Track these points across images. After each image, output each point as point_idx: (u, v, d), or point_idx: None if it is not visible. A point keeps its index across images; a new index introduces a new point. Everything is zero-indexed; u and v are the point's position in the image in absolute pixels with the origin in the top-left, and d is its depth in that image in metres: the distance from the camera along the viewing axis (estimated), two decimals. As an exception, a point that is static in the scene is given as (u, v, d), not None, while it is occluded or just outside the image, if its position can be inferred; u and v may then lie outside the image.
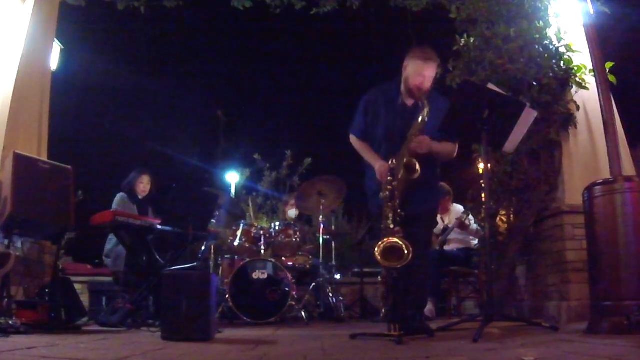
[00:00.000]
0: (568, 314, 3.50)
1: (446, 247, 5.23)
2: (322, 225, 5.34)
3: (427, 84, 3.13)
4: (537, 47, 4.05)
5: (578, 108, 4.01)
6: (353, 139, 3.40)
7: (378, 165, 3.12)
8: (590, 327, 2.80)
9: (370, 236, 5.52)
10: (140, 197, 4.82)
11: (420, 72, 3.11)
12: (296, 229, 5.34)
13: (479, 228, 4.84)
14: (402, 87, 3.23)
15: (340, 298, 5.39)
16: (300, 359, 2.16)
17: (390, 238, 2.74)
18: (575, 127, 3.99)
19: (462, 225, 5.06)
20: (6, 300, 3.22)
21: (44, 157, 4.35)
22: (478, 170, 4.64)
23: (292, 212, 5.94)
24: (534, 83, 3.98)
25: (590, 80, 3.92)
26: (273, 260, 4.87)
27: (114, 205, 4.63)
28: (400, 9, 5.13)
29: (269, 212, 8.57)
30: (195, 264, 4.81)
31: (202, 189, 5.03)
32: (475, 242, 5.08)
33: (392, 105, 3.25)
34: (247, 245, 5.11)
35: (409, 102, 3.22)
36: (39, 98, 4.64)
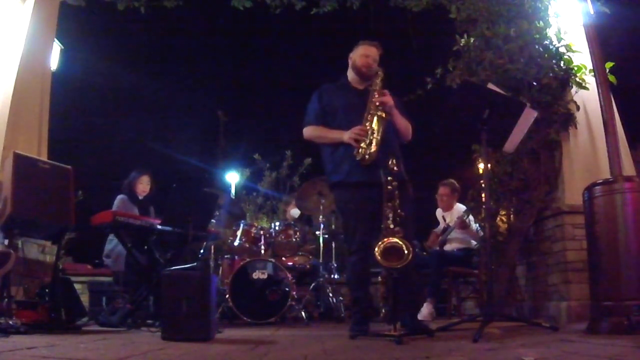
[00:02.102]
0: (568, 314, 3.50)
1: (446, 247, 5.22)
2: (322, 225, 5.33)
3: (373, 63, 3.25)
4: (537, 47, 4.05)
5: (578, 108, 4.01)
6: (307, 129, 3.31)
7: (347, 132, 3.08)
8: (590, 327, 2.80)
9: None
10: (140, 197, 4.81)
11: (363, 53, 3.28)
12: (296, 229, 5.34)
13: (479, 229, 4.84)
14: (350, 77, 3.37)
15: (340, 298, 5.39)
16: (300, 359, 2.16)
17: (390, 238, 2.74)
18: (575, 127, 3.99)
19: (462, 224, 5.06)
20: (6, 300, 3.22)
21: (44, 157, 4.35)
22: (478, 170, 4.65)
23: (295, 212, 5.94)
24: (534, 83, 3.99)
25: (590, 80, 3.92)
26: (273, 260, 4.87)
27: (114, 208, 4.63)
28: (400, 9, 5.14)
29: (269, 212, 8.58)
30: (195, 264, 4.81)
31: (202, 189, 5.03)
32: (474, 242, 5.08)
33: (345, 89, 3.35)
34: (247, 245, 5.11)
35: (360, 86, 3.30)
36: (39, 98, 4.64)
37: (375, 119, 3.04)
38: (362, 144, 3.02)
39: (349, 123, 3.12)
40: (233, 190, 9.51)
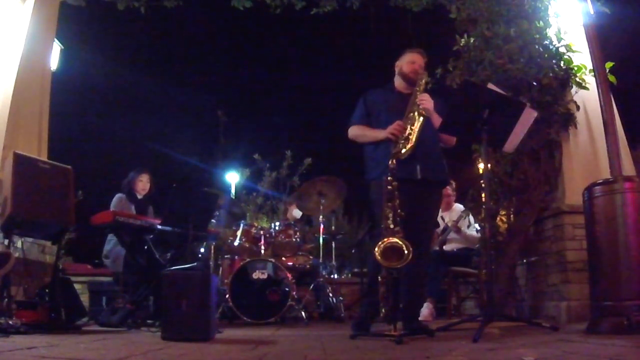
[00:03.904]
0: (568, 314, 3.50)
1: (446, 247, 5.22)
2: (322, 225, 5.33)
3: (420, 69, 3.30)
4: (537, 47, 4.05)
5: (578, 108, 4.01)
6: (351, 128, 3.41)
7: (386, 130, 3.13)
8: (590, 327, 2.80)
9: (370, 235, 5.48)
10: (139, 196, 4.80)
11: (411, 59, 3.34)
12: (296, 229, 5.34)
13: (478, 230, 4.83)
14: (397, 84, 3.43)
15: (340, 298, 5.39)
16: (300, 359, 2.16)
17: (390, 238, 2.74)
18: (575, 127, 3.99)
19: (456, 229, 5.08)
20: (6, 300, 3.22)
21: (44, 157, 4.35)
22: (478, 170, 4.64)
23: (297, 212, 5.94)
24: (534, 83, 3.98)
25: (590, 80, 3.92)
26: (273, 260, 4.87)
27: (111, 207, 4.63)
28: (400, 9, 5.14)
29: (269, 212, 8.59)
30: (195, 264, 4.81)
31: (202, 189, 5.03)
32: (477, 245, 5.07)
33: (390, 94, 3.40)
34: (247, 245, 5.11)
35: (407, 91, 3.33)
36: (39, 98, 4.64)
37: (415, 115, 3.07)
38: (400, 139, 3.05)
39: (391, 123, 3.15)
40: (233, 190, 9.51)
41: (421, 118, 3.05)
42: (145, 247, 4.17)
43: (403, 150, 3.01)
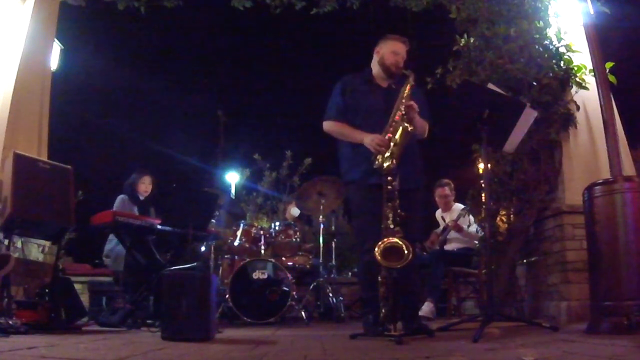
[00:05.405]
0: (568, 314, 3.50)
1: (446, 247, 5.22)
2: (322, 225, 5.33)
3: (401, 62, 3.23)
4: (537, 47, 4.05)
5: (578, 108, 4.01)
6: (329, 123, 3.28)
7: (369, 137, 3.03)
8: (590, 327, 2.80)
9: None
10: (142, 197, 4.82)
11: (394, 49, 3.24)
12: (296, 229, 5.34)
13: (478, 229, 4.83)
14: (375, 72, 3.33)
15: (340, 298, 5.39)
16: (300, 359, 2.16)
17: (391, 238, 2.74)
18: (575, 127, 3.99)
19: (457, 227, 5.08)
20: (6, 300, 3.22)
21: (44, 157, 4.35)
22: (478, 170, 4.64)
23: (295, 211, 5.94)
24: (534, 83, 3.98)
25: (590, 80, 3.92)
26: (273, 260, 4.87)
27: (114, 208, 4.63)
28: (400, 9, 5.14)
29: (269, 212, 8.59)
30: (195, 264, 4.81)
31: (202, 189, 5.03)
32: (476, 241, 5.07)
33: (368, 86, 3.30)
34: (247, 245, 5.11)
35: (383, 84, 3.28)
36: (39, 98, 4.64)
37: (400, 129, 2.95)
38: (382, 153, 2.96)
39: (372, 125, 3.10)
40: (233, 190, 9.52)
41: (407, 132, 2.95)
42: (146, 248, 4.17)
43: (385, 166, 2.92)
